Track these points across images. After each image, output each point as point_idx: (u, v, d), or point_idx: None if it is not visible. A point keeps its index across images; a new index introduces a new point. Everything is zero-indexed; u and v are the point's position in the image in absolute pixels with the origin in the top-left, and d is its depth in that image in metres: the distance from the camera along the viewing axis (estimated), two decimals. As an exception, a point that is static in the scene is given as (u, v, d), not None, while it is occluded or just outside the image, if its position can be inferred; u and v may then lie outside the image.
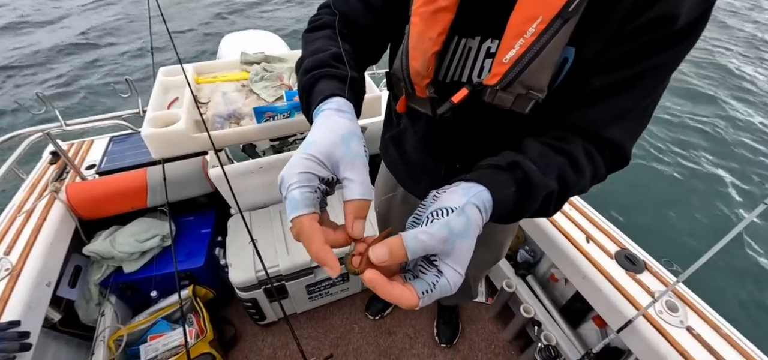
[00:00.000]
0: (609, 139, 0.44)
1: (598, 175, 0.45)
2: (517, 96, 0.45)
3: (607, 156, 0.45)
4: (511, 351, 1.50)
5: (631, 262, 1.10)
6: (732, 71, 5.17)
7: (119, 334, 1.26)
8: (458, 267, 0.34)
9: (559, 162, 0.41)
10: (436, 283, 0.33)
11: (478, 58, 0.51)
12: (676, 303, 1.01)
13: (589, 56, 0.43)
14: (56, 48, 5.20)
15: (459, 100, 0.49)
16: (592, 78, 0.43)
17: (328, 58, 0.48)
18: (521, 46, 0.42)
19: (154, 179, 1.35)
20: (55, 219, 1.21)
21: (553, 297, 1.44)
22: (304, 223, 0.33)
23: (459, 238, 0.34)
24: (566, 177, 0.41)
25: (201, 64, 1.32)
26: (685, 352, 0.91)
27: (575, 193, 0.44)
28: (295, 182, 0.34)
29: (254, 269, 1.26)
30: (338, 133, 0.37)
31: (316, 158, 0.36)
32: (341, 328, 1.56)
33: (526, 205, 0.39)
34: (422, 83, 0.53)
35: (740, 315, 2.16)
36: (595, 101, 0.44)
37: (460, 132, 0.60)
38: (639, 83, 0.42)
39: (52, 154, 1.42)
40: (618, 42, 0.40)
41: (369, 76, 1.24)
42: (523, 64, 0.42)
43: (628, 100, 0.43)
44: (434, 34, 0.48)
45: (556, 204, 0.43)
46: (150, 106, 1.06)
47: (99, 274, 1.30)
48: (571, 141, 0.44)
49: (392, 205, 1.01)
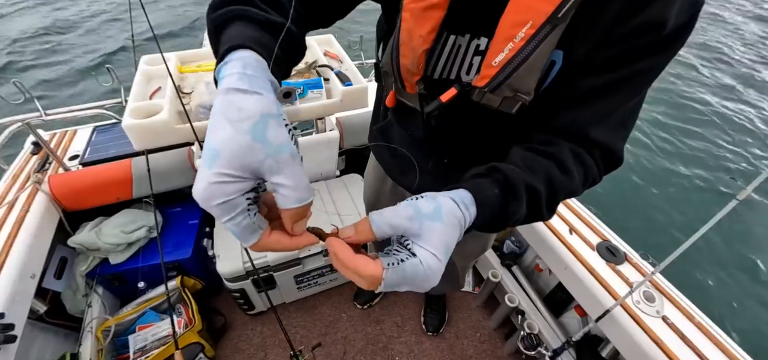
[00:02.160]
0: (597, 140, 0.44)
1: (591, 177, 0.45)
2: (504, 97, 0.46)
3: (598, 157, 0.45)
4: (496, 338, 1.54)
5: (612, 254, 1.13)
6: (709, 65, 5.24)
7: (107, 325, 1.27)
8: (431, 248, 0.32)
9: (544, 164, 0.42)
10: (406, 259, 0.32)
11: (467, 55, 0.51)
12: (653, 293, 1.04)
13: (576, 60, 0.43)
14: (35, 33, 5.01)
15: (447, 100, 0.50)
16: (580, 80, 0.43)
17: None
18: (510, 51, 0.42)
19: (140, 170, 1.33)
20: (38, 211, 1.20)
21: (537, 287, 1.48)
22: (263, 244, 0.33)
23: (427, 218, 0.33)
24: (553, 178, 0.41)
25: (185, 53, 1.29)
26: (659, 340, 0.95)
27: (566, 196, 0.44)
28: (221, 216, 0.29)
29: (242, 260, 1.27)
30: (246, 127, 0.28)
31: (229, 175, 0.28)
32: (330, 317, 1.58)
33: (512, 207, 0.39)
34: (412, 80, 0.53)
35: (715, 304, 2.24)
36: (583, 103, 0.44)
37: (448, 128, 0.61)
38: (626, 85, 0.42)
39: (34, 145, 1.40)
40: (606, 46, 0.41)
41: (356, 67, 1.23)
42: (512, 68, 0.43)
43: (616, 102, 0.43)
44: (424, 31, 0.47)
45: (548, 206, 0.42)
46: (131, 96, 1.04)
47: (85, 265, 1.30)
48: (556, 144, 0.44)
49: (381, 196, 1.02)
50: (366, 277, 0.31)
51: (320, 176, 1.60)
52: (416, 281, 0.32)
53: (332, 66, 1.24)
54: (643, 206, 2.95)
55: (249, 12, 0.37)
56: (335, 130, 1.50)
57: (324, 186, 1.56)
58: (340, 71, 1.19)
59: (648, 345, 0.95)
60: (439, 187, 0.38)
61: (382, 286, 0.31)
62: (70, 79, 4.18)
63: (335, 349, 1.49)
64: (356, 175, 1.62)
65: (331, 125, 1.53)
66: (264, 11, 0.39)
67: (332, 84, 1.18)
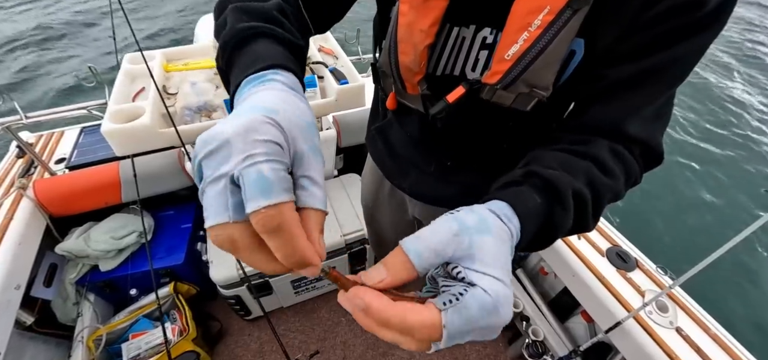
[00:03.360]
0: (636, 136, 0.39)
1: (632, 176, 0.40)
2: (518, 94, 0.41)
3: (637, 155, 0.40)
4: (499, 343, 1.50)
5: (623, 260, 1.07)
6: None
7: (98, 334, 1.23)
8: (492, 271, 0.25)
9: (583, 166, 0.36)
10: (464, 293, 0.24)
11: (472, 49, 0.45)
12: (666, 303, 0.98)
13: (602, 48, 0.38)
14: (16, 35, 4.88)
15: (454, 100, 0.44)
16: (610, 70, 0.38)
17: (272, 9, 0.38)
18: (526, 41, 0.37)
19: (128, 173, 1.28)
20: (23, 217, 1.15)
21: (542, 290, 1.43)
22: (286, 215, 0.22)
23: (477, 233, 0.26)
24: (595, 181, 0.35)
25: (171, 50, 1.22)
26: (672, 353, 0.90)
27: (610, 199, 0.38)
28: (261, 153, 0.22)
29: (236, 267, 1.22)
30: (301, 117, 0.27)
31: (282, 129, 0.24)
32: (329, 321, 1.55)
33: (559, 216, 0.33)
34: (414, 80, 0.47)
35: (730, 314, 2.16)
36: (615, 96, 0.39)
37: (453, 129, 0.55)
38: (663, 74, 0.37)
39: (19, 148, 1.35)
40: (636, 30, 0.36)
41: (351, 62, 1.16)
42: (528, 61, 0.38)
43: (652, 92, 0.38)
44: (426, 24, 0.42)
45: (594, 213, 0.36)
46: (112, 98, 0.98)
47: (75, 273, 1.26)
48: (592, 142, 0.39)
49: (379, 198, 0.97)
50: (421, 330, 0.23)
51: (317, 177, 1.54)
52: (487, 321, 0.24)
53: (327, 63, 1.17)
54: (660, 211, 2.83)
55: (275, 31, 0.36)
56: (332, 128, 1.44)
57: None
58: (335, 68, 1.12)
59: (661, 358, 0.90)
60: (441, 190, 0.32)
61: (445, 336, 0.23)
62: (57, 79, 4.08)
63: (334, 355, 1.46)
64: (355, 175, 1.57)
65: (327, 124, 1.47)
66: (287, 31, 0.37)
67: (327, 82, 1.11)
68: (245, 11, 0.37)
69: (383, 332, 0.24)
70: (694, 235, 2.58)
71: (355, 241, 1.36)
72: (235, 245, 0.23)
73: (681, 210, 2.86)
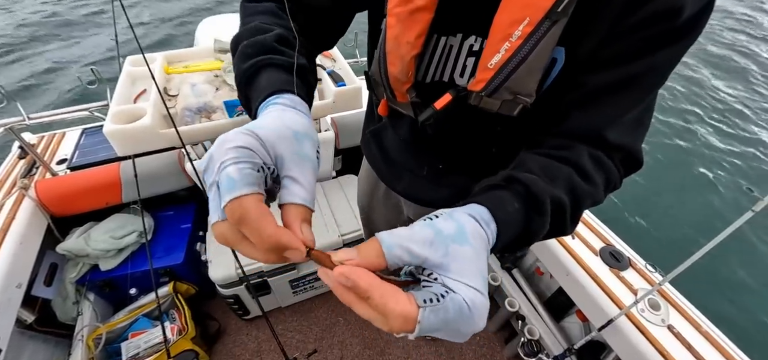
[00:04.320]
0: (615, 143, 0.40)
1: (612, 183, 0.41)
2: (503, 101, 0.42)
3: (618, 161, 0.42)
4: (495, 342, 1.51)
5: (616, 259, 1.09)
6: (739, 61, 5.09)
7: (98, 333, 1.24)
8: (469, 281, 0.26)
9: (564, 172, 0.37)
10: (445, 295, 0.25)
11: (460, 56, 0.47)
12: (658, 301, 1.00)
13: (582, 56, 0.39)
14: (20, 34, 4.92)
15: (442, 107, 0.46)
16: (589, 78, 0.40)
17: (271, 41, 0.41)
18: (507, 51, 0.39)
19: (129, 174, 1.30)
20: (25, 217, 1.17)
21: (538, 290, 1.44)
22: (249, 204, 0.25)
23: (452, 242, 0.27)
24: (576, 187, 0.37)
25: (172, 52, 1.24)
26: (665, 351, 0.91)
27: (590, 205, 0.39)
28: (230, 159, 0.26)
29: (234, 266, 1.24)
30: (292, 128, 0.31)
31: (260, 139, 0.28)
32: (327, 320, 1.56)
33: (536, 223, 0.34)
34: (402, 89, 0.49)
35: (721, 310, 2.18)
36: (595, 103, 0.40)
37: (444, 134, 0.57)
38: (640, 81, 0.39)
39: (21, 149, 1.36)
40: (615, 39, 0.37)
41: (349, 66, 1.18)
42: (510, 70, 0.39)
43: (631, 100, 0.39)
44: (412, 36, 0.44)
45: (572, 219, 0.38)
46: (114, 100, 1.00)
47: (75, 272, 1.27)
48: (573, 148, 0.40)
49: (375, 200, 0.98)
50: (396, 319, 0.24)
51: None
52: (461, 326, 0.25)
53: (325, 66, 1.19)
54: (649, 210, 2.86)
55: (273, 59, 0.39)
56: (330, 130, 1.45)
57: (319, 187, 1.52)
58: (333, 71, 1.14)
59: (653, 355, 0.92)
60: (434, 193, 0.34)
61: (417, 330, 0.24)
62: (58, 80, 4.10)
63: (332, 354, 1.47)
64: (353, 176, 1.58)
65: (325, 125, 1.49)
66: (286, 56, 0.40)
67: (324, 84, 1.13)
68: (248, 49, 0.41)
69: (360, 307, 0.25)
70: (684, 233, 2.61)
71: (353, 241, 1.38)
72: (227, 239, 0.26)
73: (671, 207, 2.90)
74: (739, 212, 0.61)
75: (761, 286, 2.36)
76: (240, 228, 0.25)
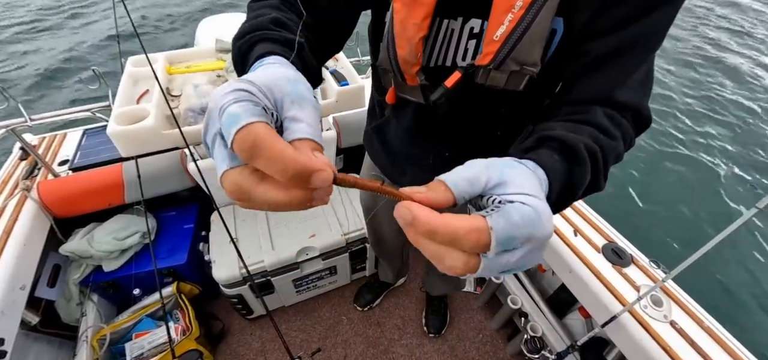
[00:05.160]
0: (626, 102, 0.41)
1: (628, 139, 0.42)
2: (510, 73, 0.44)
3: (629, 120, 0.43)
4: (498, 340, 1.51)
5: (618, 256, 1.10)
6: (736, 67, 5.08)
7: (102, 334, 1.24)
8: (527, 190, 0.25)
9: (587, 130, 0.38)
10: (505, 204, 0.25)
11: (461, 39, 0.49)
12: (661, 297, 1.00)
13: (580, 24, 0.41)
14: (18, 34, 4.89)
15: (452, 84, 0.47)
16: (590, 46, 0.42)
17: (266, 21, 0.41)
18: (511, 21, 0.41)
19: (131, 175, 1.29)
20: (28, 219, 1.16)
21: (540, 287, 1.45)
22: (260, 129, 0.22)
23: (506, 167, 0.27)
24: (600, 141, 0.37)
25: (174, 53, 1.24)
26: (668, 347, 0.92)
27: (614, 160, 0.39)
28: (229, 100, 0.24)
29: (238, 266, 1.24)
30: (284, 75, 0.29)
31: (255, 85, 0.26)
32: (330, 320, 1.56)
33: (577, 174, 0.33)
34: (412, 71, 0.51)
35: (724, 307, 2.19)
36: (600, 68, 0.42)
37: (450, 117, 0.58)
38: (640, 44, 0.41)
39: (22, 150, 1.36)
40: (610, 6, 0.39)
41: (350, 64, 1.18)
42: (515, 39, 0.42)
43: (633, 61, 0.41)
44: (419, 18, 0.46)
45: (604, 170, 0.37)
46: (117, 101, 1.00)
47: (78, 273, 1.27)
48: (589, 111, 0.41)
49: (378, 198, 0.99)
50: (468, 235, 0.23)
51: (317, 177, 1.56)
52: (530, 231, 0.24)
53: (327, 65, 1.19)
54: (652, 207, 2.87)
55: (267, 34, 0.39)
56: (332, 129, 1.46)
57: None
58: (335, 70, 1.14)
59: (656, 351, 0.92)
60: None
61: (493, 241, 0.23)
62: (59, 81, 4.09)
63: (335, 353, 1.47)
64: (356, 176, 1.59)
65: (327, 125, 1.49)
66: (281, 32, 0.40)
67: (327, 84, 1.13)
68: (244, 28, 0.41)
69: (429, 245, 0.24)
70: (687, 230, 2.62)
71: (356, 239, 1.38)
72: (241, 187, 0.23)
73: (674, 205, 2.90)
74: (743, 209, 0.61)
75: (764, 282, 2.38)
76: (254, 162, 0.22)
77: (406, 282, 1.70)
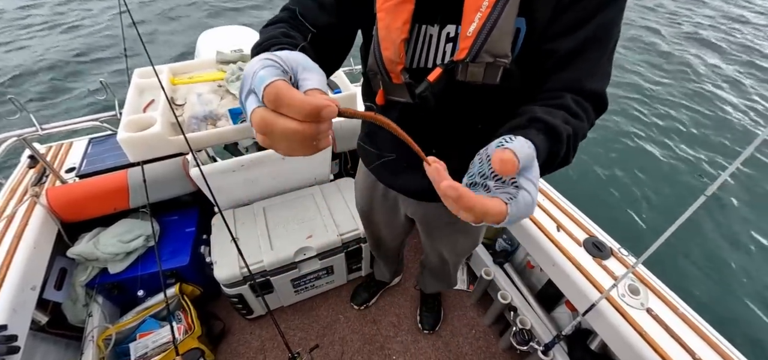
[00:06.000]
0: (591, 90, 0.49)
1: (590, 122, 0.50)
2: (486, 66, 0.51)
3: (591, 104, 0.50)
4: (491, 335, 1.57)
5: (598, 249, 1.16)
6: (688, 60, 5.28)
7: (108, 334, 1.29)
8: (534, 176, 0.35)
9: (560, 113, 0.45)
10: (517, 193, 0.33)
11: (440, 43, 0.56)
12: (638, 286, 1.07)
13: (540, 24, 0.49)
14: (32, 53, 4.98)
15: (435, 79, 0.55)
16: (558, 45, 0.49)
17: (278, 34, 0.49)
18: (480, 19, 0.49)
19: (136, 180, 1.36)
20: (37, 223, 1.22)
21: (529, 283, 1.51)
22: (282, 85, 0.29)
23: (534, 155, 0.36)
24: (570, 123, 0.45)
25: (177, 65, 1.31)
26: (644, 332, 0.98)
27: (581, 138, 0.48)
28: (259, 66, 0.31)
29: (238, 266, 1.29)
30: (298, 54, 0.36)
31: (278, 56, 0.34)
32: (327, 318, 1.61)
33: (555, 149, 0.42)
34: (397, 70, 0.58)
35: (697, 293, 2.31)
36: (568, 65, 0.50)
37: (435, 116, 0.64)
38: (597, 38, 0.49)
39: (31, 158, 1.42)
40: (567, 8, 0.47)
41: (344, 74, 1.25)
42: (486, 33, 0.49)
43: (594, 55, 0.49)
44: (400, 23, 0.54)
45: (574, 147, 0.46)
46: (125, 110, 1.07)
47: (84, 275, 1.32)
48: (561, 96, 0.49)
49: (374, 201, 1.04)
50: (495, 215, 0.32)
51: (314, 181, 1.62)
52: (526, 211, 0.34)
53: (322, 73, 1.26)
54: (626, 201, 3.02)
55: (278, 40, 0.47)
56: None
57: (318, 190, 1.59)
58: (329, 79, 1.21)
59: (633, 337, 0.98)
60: (429, 183, 0.39)
61: (507, 220, 0.33)
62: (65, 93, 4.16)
63: (333, 350, 1.52)
64: (350, 179, 1.65)
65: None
66: (290, 40, 0.48)
67: (322, 91, 1.20)
68: (258, 43, 0.48)
69: (464, 214, 0.32)
70: (660, 221, 2.76)
71: (351, 240, 1.44)
72: (266, 119, 0.30)
73: (646, 200, 3.04)
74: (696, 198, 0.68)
75: (724, 265, 2.54)
76: (277, 108, 0.29)
77: (401, 281, 1.76)
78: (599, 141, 3.60)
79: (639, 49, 5.71)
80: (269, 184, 1.52)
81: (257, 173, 1.44)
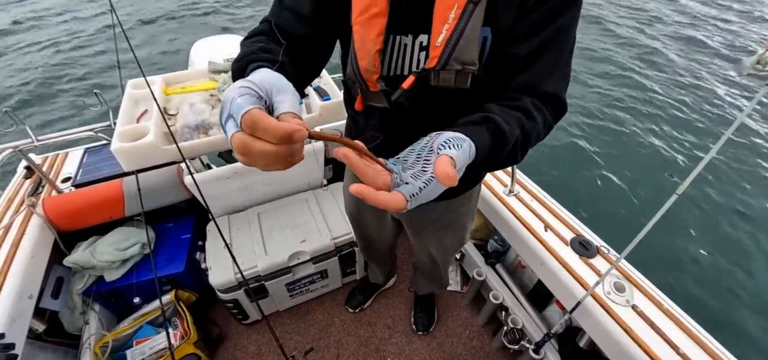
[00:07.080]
0: (549, 92, 0.52)
1: (548, 123, 0.53)
2: (456, 73, 0.55)
3: (550, 107, 0.53)
4: (484, 335, 1.59)
5: (585, 248, 1.18)
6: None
7: (104, 341, 1.31)
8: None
9: (515, 115, 0.48)
10: (425, 186, 0.36)
11: (414, 52, 0.60)
12: (623, 284, 1.09)
13: (504, 32, 0.52)
14: (27, 62, 5.01)
15: (408, 86, 0.58)
16: (518, 48, 0.52)
17: (256, 49, 0.52)
18: (448, 30, 0.52)
19: (131, 189, 1.38)
20: (34, 233, 1.24)
21: (521, 283, 1.53)
22: (257, 113, 0.32)
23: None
24: (524, 125, 0.48)
25: (170, 75, 1.34)
26: (629, 329, 1.00)
27: (535, 140, 0.51)
28: (237, 94, 0.34)
29: (233, 272, 1.31)
30: (271, 74, 0.39)
31: (253, 82, 0.36)
32: (323, 322, 1.63)
33: (499, 151, 0.45)
34: (372, 78, 0.61)
35: (682, 289, 2.35)
36: (527, 67, 0.53)
37: (413, 118, 0.67)
38: (554, 41, 0.52)
39: (27, 169, 1.44)
40: (527, 14, 0.50)
41: (332, 80, 1.28)
42: (453, 43, 0.52)
43: (551, 58, 0.52)
44: (374, 35, 0.57)
45: (522, 150, 0.49)
46: (119, 120, 1.09)
47: (81, 283, 1.34)
48: (520, 98, 0.52)
49: (361, 205, 1.07)
50: (396, 208, 0.35)
51: (307, 186, 1.64)
52: (431, 195, 0.37)
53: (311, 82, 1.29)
54: (615, 199, 3.07)
55: (257, 56, 0.50)
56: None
57: (312, 195, 1.61)
58: (318, 86, 1.24)
59: (619, 333, 1.01)
60: None
61: (409, 207, 0.36)
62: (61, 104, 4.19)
63: (329, 353, 1.53)
64: (342, 184, 1.67)
65: (316, 136, 1.58)
66: (268, 55, 0.51)
67: (311, 99, 1.23)
68: (239, 57, 0.52)
69: (372, 201, 0.35)
70: (642, 220, 2.81)
71: (344, 243, 1.46)
72: (244, 143, 0.33)
73: (631, 200, 3.08)
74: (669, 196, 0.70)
75: (704, 259, 2.58)
76: (254, 133, 0.32)
77: (396, 283, 1.77)
78: (590, 139, 3.64)
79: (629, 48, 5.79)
80: (263, 190, 1.55)
81: (251, 180, 1.46)
